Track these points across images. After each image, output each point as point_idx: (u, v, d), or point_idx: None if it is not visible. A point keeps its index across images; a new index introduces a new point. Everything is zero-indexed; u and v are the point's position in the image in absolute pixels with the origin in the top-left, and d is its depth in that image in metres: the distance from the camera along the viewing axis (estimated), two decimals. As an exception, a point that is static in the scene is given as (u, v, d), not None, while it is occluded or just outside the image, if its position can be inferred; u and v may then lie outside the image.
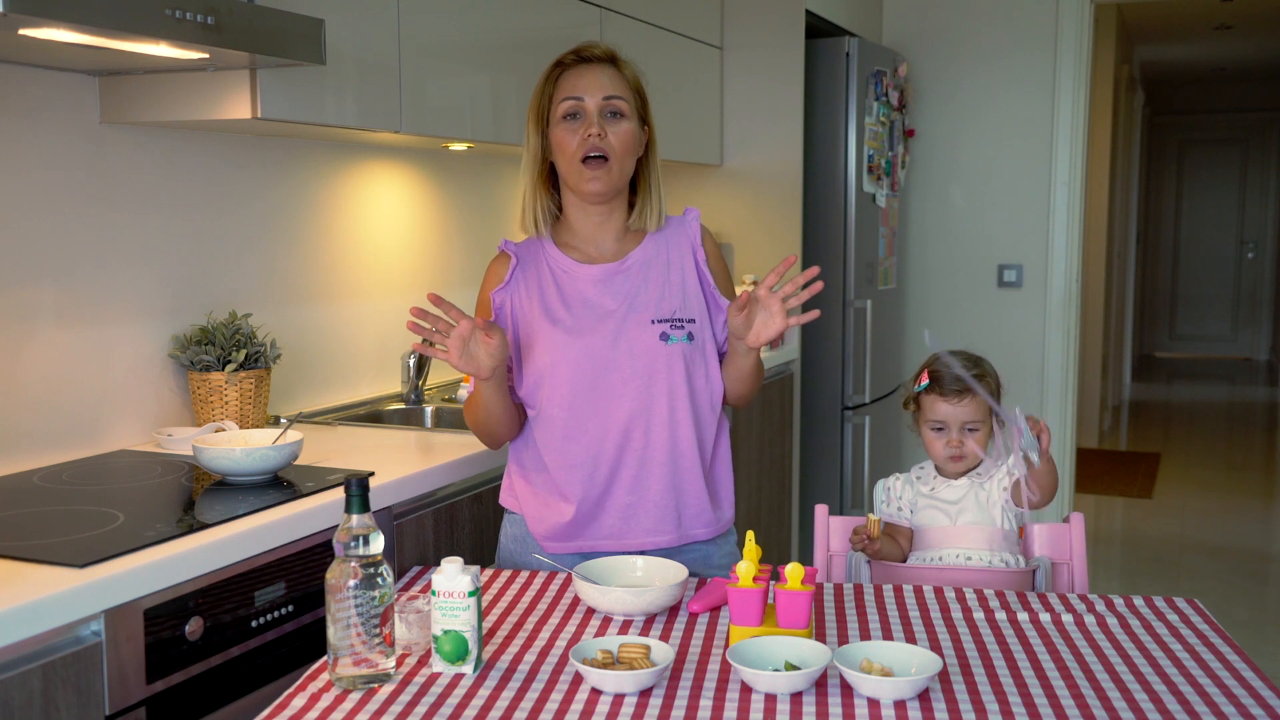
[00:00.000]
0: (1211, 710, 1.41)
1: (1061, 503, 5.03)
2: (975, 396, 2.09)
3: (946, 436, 2.11)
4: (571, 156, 1.96)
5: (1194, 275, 11.92)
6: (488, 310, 2.05)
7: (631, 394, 1.96)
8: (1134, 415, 8.90)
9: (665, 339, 1.98)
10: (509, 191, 3.61)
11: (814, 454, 4.46)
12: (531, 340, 2.00)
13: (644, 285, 2.01)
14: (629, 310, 1.99)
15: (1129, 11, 7.63)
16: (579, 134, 1.95)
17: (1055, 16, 4.87)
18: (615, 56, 2.02)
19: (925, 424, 2.15)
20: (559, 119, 1.98)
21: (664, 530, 2.00)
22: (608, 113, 1.97)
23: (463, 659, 1.52)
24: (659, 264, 2.03)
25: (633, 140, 1.99)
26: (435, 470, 2.25)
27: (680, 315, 2.00)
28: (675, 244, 2.06)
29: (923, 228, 5.14)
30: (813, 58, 4.32)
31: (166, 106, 2.28)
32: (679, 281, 2.03)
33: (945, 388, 2.11)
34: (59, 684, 1.52)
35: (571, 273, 2.03)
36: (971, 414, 2.10)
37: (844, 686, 1.46)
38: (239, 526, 1.82)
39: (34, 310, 2.23)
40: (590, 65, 1.99)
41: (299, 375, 2.84)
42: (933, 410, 2.13)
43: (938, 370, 2.13)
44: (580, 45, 2.03)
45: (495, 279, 2.06)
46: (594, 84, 1.97)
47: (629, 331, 1.97)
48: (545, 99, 2.01)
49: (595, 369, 1.96)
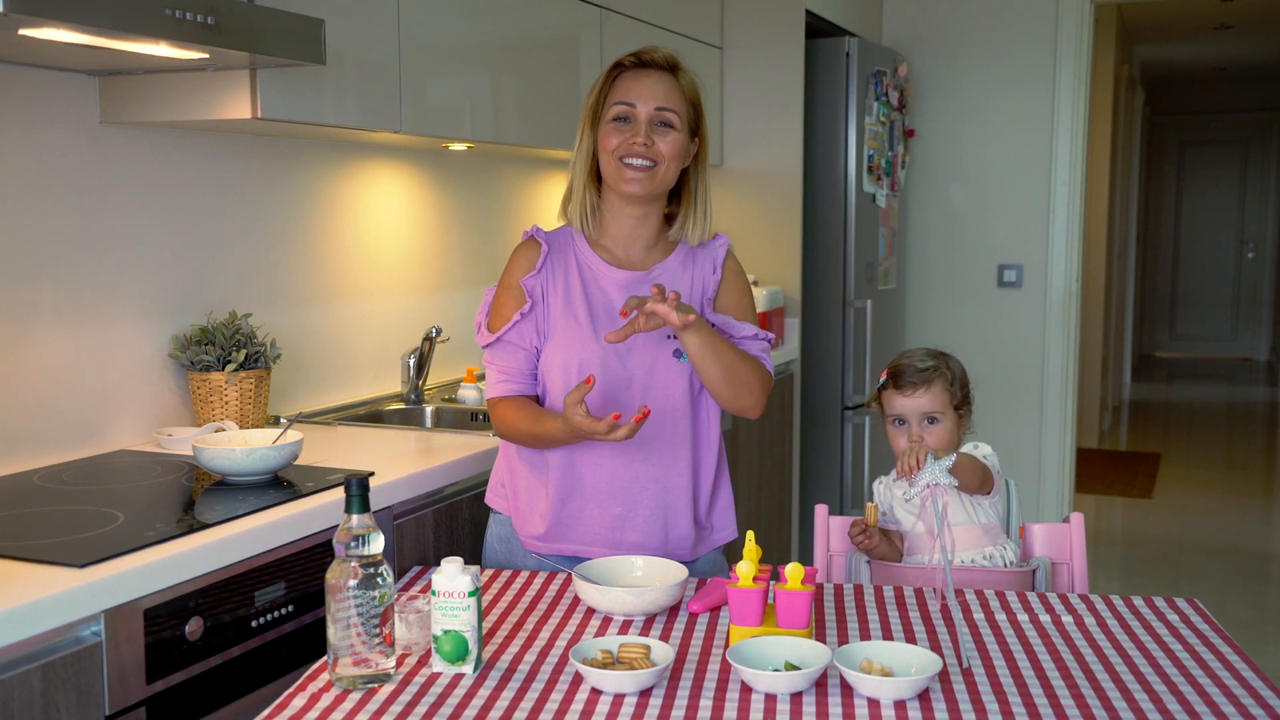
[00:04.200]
0: (1211, 710, 1.41)
1: (1061, 503, 5.03)
2: (932, 388, 2.09)
3: (907, 430, 2.11)
4: (613, 154, 1.95)
5: (1194, 275, 11.92)
6: (520, 296, 2.00)
7: (624, 405, 1.96)
8: (1134, 415, 8.90)
9: (679, 355, 1.98)
10: (509, 191, 3.61)
11: (814, 454, 4.46)
12: (553, 331, 1.99)
13: None
14: None
15: (1129, 11, 7.63)
16: (625, 136, 1.95)
17: (1055, 16, 4.87)
18: (676, 64, 2.01)
19: (888, 420, 2.15)
20: (609, 119, 1.97)
21: (649, 546, 2.01)
22: (658, 122, 1.95)
23: (463, 659, 1.52)
24: (684, 280, 2.03)
25: (680, 150, 1.97)
26: (435, 470, 2.25)
27: None
28: (700, 261, 2.05)
29: (923, 228, 5.14)
30: (813, 58, 4.32)
31: (166, 106, 2.28)
32: (698, 302, 2.03)
33: (899, 381, 2.11)
34: (59, 684, 1.52)
35: (597, 271, 2.02)
36: (928, 405, 2.09)
37: (844, 686, 1.46)
38: (239, 526, 1.82)
39: (34, 310, 2.23)
40: (648, 71, 1.98)
41: (299, 375, 2.84)
42: (890, 405, 2.13)
43: (898, 365, 2.14)
44: (642, 49, 2.01)
45: (526, 264, 2.02)
46: (648, 92, 1.96)
47: (645, 344, 1.97)
48: (601, 98, 1.99)
49: (607, 376, 1.96)
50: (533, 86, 3.04)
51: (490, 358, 2.03)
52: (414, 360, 3.02)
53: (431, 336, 3.01)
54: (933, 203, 5.11)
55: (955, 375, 2.13)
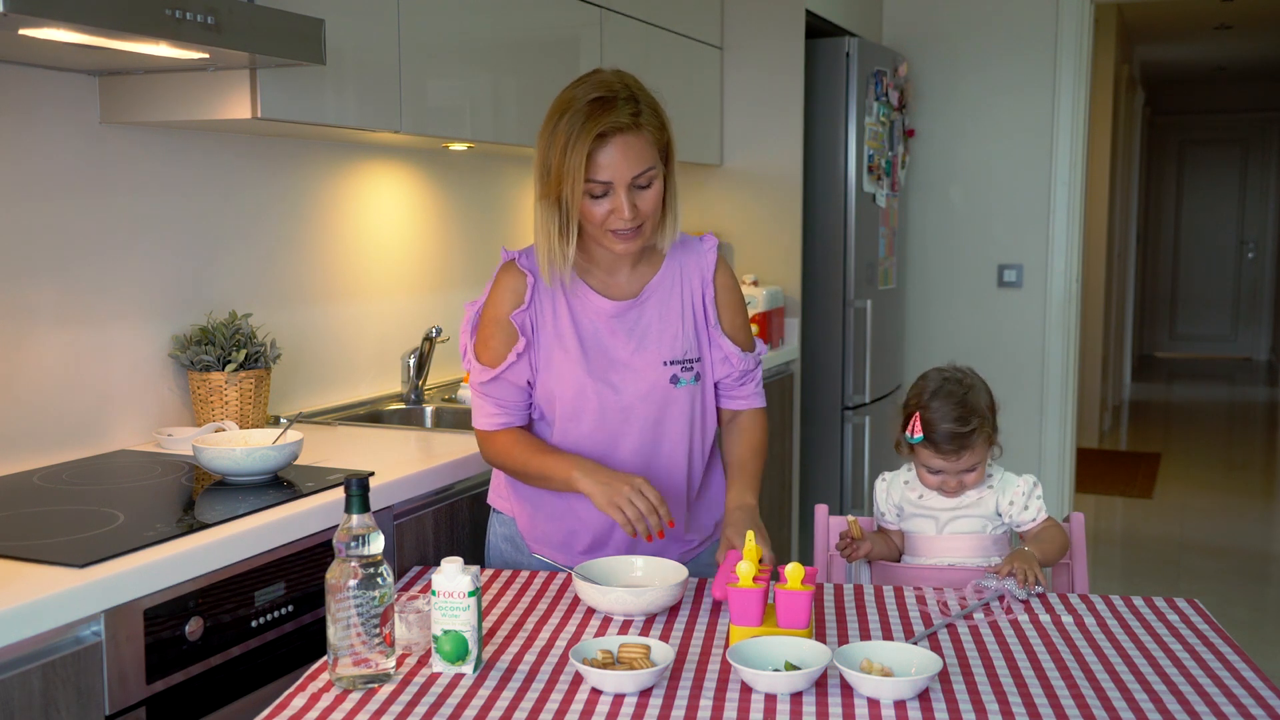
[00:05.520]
0: (1211, 710, 1.41)
1: (1062, 503, 5.03)
2: (973, 449, 2.02)
3: (942, 479, 2.07)
4: (599, 225, 1.87)
5: (1194, 275, 11.92)
6: (511, 332, 1.96)
7: (637, 432, 1.99)
8: (1134, 415, 8.90)
9: (675, 382, 1.99)
10: (509, 191, 3.61)
11: (814, 454, 4.46)
12: (546, 363, 1.97)
13: (656, 322, 1.99)
14: (639, 349, 1.97)
15: (1129, 11, 7.63)
16: (606, 209, 1.85)
17: (1055, 16, 4.87)
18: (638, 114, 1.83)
19: (919, 464, 2.09)
20: (585, 194, 1.85)
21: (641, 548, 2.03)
22: (635, 186, 1.86)
23: (463, 659, 1.52)
24: (674, 296, 2.01)
25: (657, 198, 1.89)
26: (435, 470, 2.25)
27: (690, 355, 2.00)
28: (689, 273, 2.02)
29: (923, 228, 5.14)
30: (813, 58, 4.32)
31: (166, 106, 2.28)
32: (690, 316, 2.02)
33: (939, 445, 2.02)
34: (59, 684, 1.52)
35: (584, 299, 1.97)
36: (970, 462, 2.03)
37: (844, 686, 1.46)
38: (239, 526, 1.82)
39: (34, 310, 2.23)
40: (615, 140, 1.82)
41: (299, 375, 2.84)
42: (928, 460, 2.06)
43: (932, 421, 2.02)
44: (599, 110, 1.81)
45: (513, 298, 1.96)
46: (621, 165, 1.83)
47: (641, 373, 1.97)
48: (570, 168, 1.82)
49: (604, 406, 1.96)
50: (533, 86, 3.04)
51: (484, 390, 1.99)
52: (414, 360, 3.02)
53: (431, 336, 3.01)
54: (933, 203, 5.11)
55: (991, 420, 2.04)
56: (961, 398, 2.03)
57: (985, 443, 2.05)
